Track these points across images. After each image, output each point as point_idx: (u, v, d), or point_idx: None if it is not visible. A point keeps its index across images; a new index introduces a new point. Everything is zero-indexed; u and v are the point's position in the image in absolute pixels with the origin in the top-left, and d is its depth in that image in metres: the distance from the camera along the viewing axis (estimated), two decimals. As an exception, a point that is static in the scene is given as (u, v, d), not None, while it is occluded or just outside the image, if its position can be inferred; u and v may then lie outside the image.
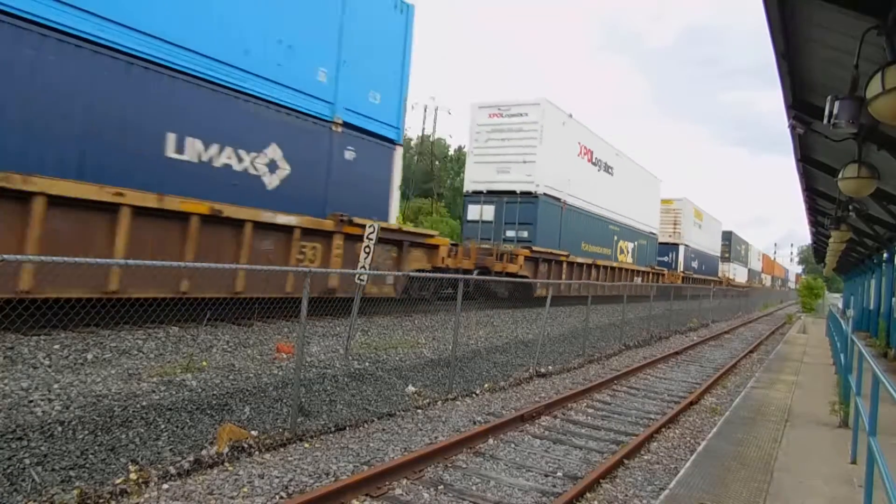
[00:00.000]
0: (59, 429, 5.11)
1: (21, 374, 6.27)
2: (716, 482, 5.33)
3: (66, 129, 8.16)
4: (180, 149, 9.52)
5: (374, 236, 9.21)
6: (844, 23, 5.36)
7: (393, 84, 13.81)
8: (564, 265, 21.97)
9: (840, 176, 7.58)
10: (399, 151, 14.19)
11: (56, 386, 6.01)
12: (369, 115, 13.13)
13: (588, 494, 5.66)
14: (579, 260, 23.32)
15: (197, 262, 9.06)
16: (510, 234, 20.64)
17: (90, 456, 4.99)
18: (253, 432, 6.11)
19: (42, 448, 4.85)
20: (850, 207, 12.25)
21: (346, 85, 12.38)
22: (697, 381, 12.33)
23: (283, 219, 10.72)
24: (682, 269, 38.81)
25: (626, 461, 6.68)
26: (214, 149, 10.00)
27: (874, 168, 7.39)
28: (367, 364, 8.90)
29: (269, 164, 10.98)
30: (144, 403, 5.89)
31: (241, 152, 10.46)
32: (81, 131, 8.33)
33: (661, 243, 36.26)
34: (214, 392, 6.56)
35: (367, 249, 9.24)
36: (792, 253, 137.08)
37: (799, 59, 6.85)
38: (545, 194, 21.01)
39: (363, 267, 9.20)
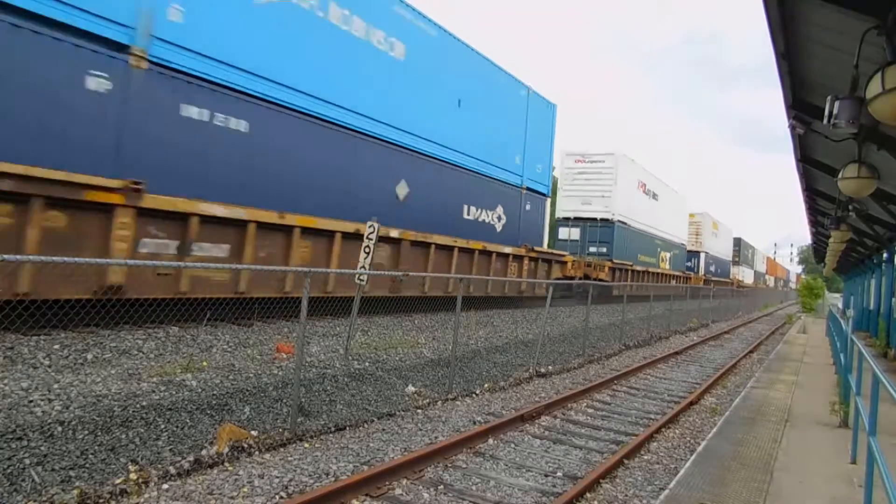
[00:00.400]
0: (59, 429, 5.11)
1: (21, 374, 6.27)
2: (716, 482, 5.33)
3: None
4: (468, 212, 16.81)
5: (374, 237, 9.22)
6: (844, 23, 5.36)
7: (546, 155, 20.92)
8: (629, 272, 29.54)
9: (840, 176, 7.58)
10: (548, 201, 21.23)
11: (56, 386, 6.01)
12: (536, 179, 20.21)
13: (588, 494, 5.66)
14: (638, 268, 31.04)
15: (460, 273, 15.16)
16: (592, 249, 27.91)
17: (90, 456, 4.99)
18: (253, 432, 6.11)
19: (42, 448, 4.85)
20: (850, 207, 12.25)
21: (526, 162, 19.51)
22: (697, 381, 12.33)
23: (507, 249, 18.15)
24: (703, 273, 45.49)
25: (626, 461, 6.68)
26: (472, 209, 16.92)
27: (874, 168, 7.39)
28: (367, 364, 8.90)
29: (497, 217, 18.11)
30: (144, 403, 5.89)
31: (487, 210, 17.58)
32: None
33: (687, 251, 43.55)
34: (214, 392, 6.56)
35: (366, 250, 9.24)
36: (792, 253, 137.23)
37: (799, 59, 6.85)
38: (619, 221, 28.76)
39: (363, 267, 9.20)
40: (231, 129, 10.10)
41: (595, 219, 28.38)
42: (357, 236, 11.52)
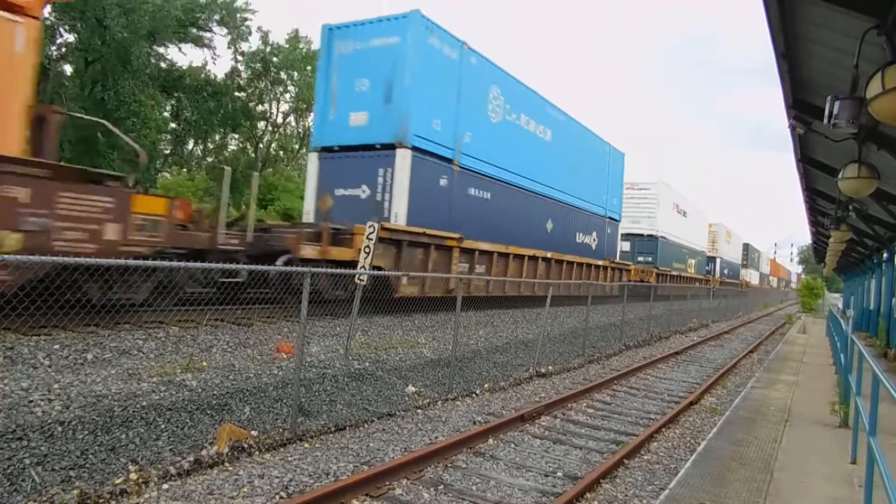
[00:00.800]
0: (59, 429, 5.11)
1: (21, 374, 6.26)
2: (716, 482, 5.33)
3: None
4: (578, 237, 23.63)
5: (373, 237, 9.22)
6: (844, 23, 5.36)
7: (619, 189, 28.28)
8: (668, 276, 36.56)
9: (840, 176, 7.57)
10: (619, 224, 28.55)
11: (56, 386, 6.00)
12: (613, 209, 27.26)
13: (588, 494, 5.66)
14: (673, 273, 37.76)
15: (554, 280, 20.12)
16: (640, 259, 34.35)
17: (90, 456, 5.00)
18: (253, 432, 6.11)
19: (42, 448, 4.85)
20: (850, 207, 12.25)
21: (607, 198, 26.46)
22: (697, 381, 12.33)
23: (599, 262, 24.77)
24: (718, 276, 51.41)
25: (626, 461, 6.68)
26: (580, 235, 23.74)
27: (874, 168, 7.39)
28: (367, 364, 8.90)
29: (593, 239, 24.98)
30: (144, 403, 5.89)
31: (587, 235, 24.40)
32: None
33: (707, 256, 49.89)
34: (214, 392, 6.56)
35: (366, 250, 9.24)
36: (792, 253, 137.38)
37: (799, 59, 6.85)
38: (662, 236, 36.06)
39: (363, 267, 9.20)
40: (484, 198, 17.02)
41: (642, 234, 35.51)
42: (533, 258, 19.27)
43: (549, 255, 20.19)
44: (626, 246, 33.63)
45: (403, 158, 13.85)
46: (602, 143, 25.62)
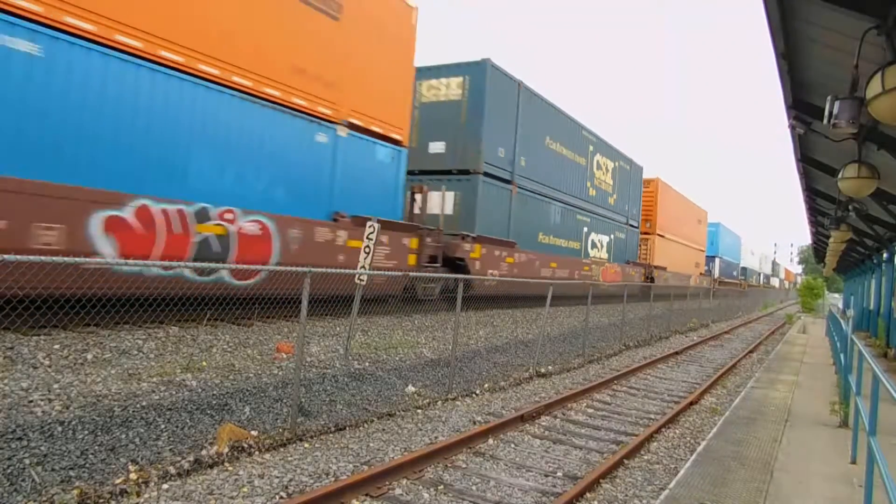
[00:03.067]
0: (59, 429, 5.11)
1: (21, 374, 6.26)
2: (716, 482, 5.33)
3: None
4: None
5: (373, 237, 9.21)
6: (844, 23, 5.36)
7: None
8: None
9: (840, 176, 7.58)
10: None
11: (56, 386, 6.00)
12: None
13: (588, 494, 5.66)
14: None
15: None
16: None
17: (90, 456, 4.99)
18: (253, 432, 6.11)
19: (42, 448, 4.85)
20: (850, 207, 12.25)
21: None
22: (697, 381, 12.33)
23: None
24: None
25: (626, 461, 6.68)
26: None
27: (874, 168, 7.40)
28: (367, 364, 8.90)
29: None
30: (144, 403, 5.89)
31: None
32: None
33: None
34: (214, 392, 6.56)
35: (366, 249, 9.24)
36: (792, 253, 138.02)
37: (799, 59, 6.85)
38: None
39: (363, 267, 9.19)
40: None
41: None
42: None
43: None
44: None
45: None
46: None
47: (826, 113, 5.66)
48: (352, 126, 12.23)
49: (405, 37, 13.69)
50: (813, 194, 14.60)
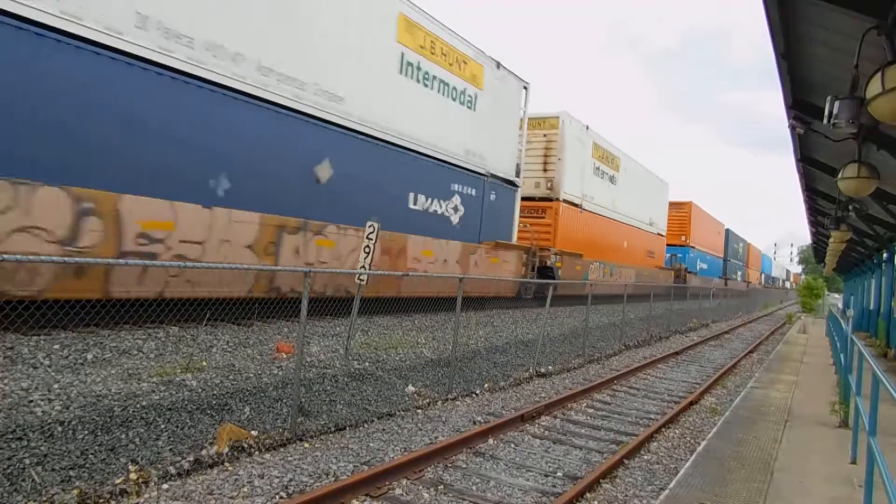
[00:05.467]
0: (59, 429, 5.11)
1: (21, 374, 6.26)
2: (716, 482, 5.33)
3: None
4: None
5: (374, 236, 9.21)
6: (844, 23, 5.36)
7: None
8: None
9: (840, 176, 7.57)
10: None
11: (56, 386, 6.00)
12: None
13: (588, 494, 5.66)
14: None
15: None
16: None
17: (90, 456, 4.99)
18: (253, 432, 6.11)
19: (42, 448, 4.85)
20: (850, 207, 12.25)
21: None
22: (697, 381, 12.33)
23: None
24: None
25: (626, 461, 6.68)
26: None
27: (874, 168, 7.39)
28: (367, 364, 8.89)
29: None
30: (144, 403, 5.89)
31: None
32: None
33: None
34: (214, 392, 6.56)
35: (367, 249, 9.24)
36: (792, 253, 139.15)
37: (799, 59, 6.85)
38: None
39: (363, 267, 9.19)
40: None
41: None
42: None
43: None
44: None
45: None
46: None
47: (826, 113, 5.66)
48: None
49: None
50: (813, 194, 14.60)
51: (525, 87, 18.36)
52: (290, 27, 10.43)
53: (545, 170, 21.78)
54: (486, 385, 9.84)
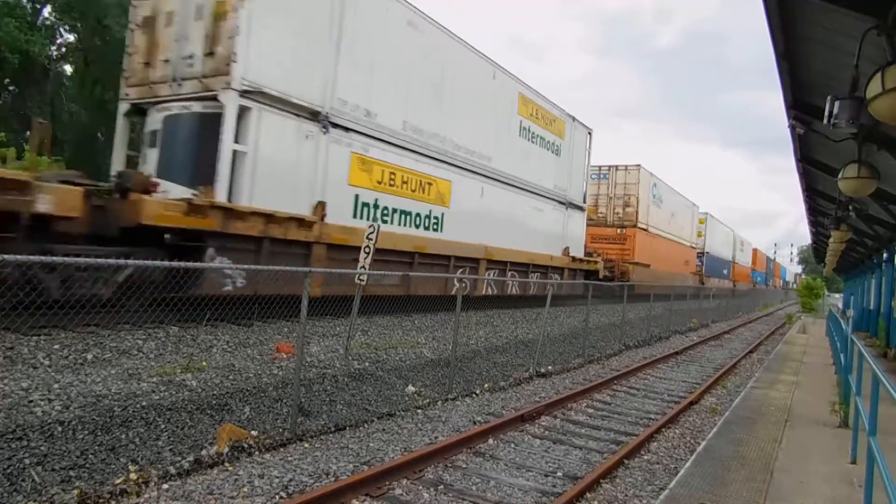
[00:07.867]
0: (59, 429, 5.11)
1: (21, 374, 6.26)
2: (716, 482, 5.33)
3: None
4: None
5: (374, 236, 9.22)
6: (844, 23, 5.36)
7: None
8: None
9: (840, 176, 7.57)
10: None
11: (56, 386, 6.00)
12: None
13: (588, 494, 5.66)
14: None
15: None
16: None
17: (90, 456, 4.99)
18: (253, 432, 6.11)
19: (42, 448, 4.85)
20: (850, 207, 12.24)
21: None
22: (697, 381, 12.33)
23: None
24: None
25: (626, 461, 6.68)
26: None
27: (874, 168, 7.38)
28: (367, 364, 8.90)
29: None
30: (144, 403, 5.89)
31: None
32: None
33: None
34: (214, 392, 6.56)
35: (366, 250, 9.24)
36: (792, 253, 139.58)
37: (799, 59, 6.85)
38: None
39: (363, 267, 9.20)
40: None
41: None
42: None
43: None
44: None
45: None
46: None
47: (826, 113, 5.65)
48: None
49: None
50: (813, 194, 14.60)
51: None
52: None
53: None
54: (486, 385, 9.84)
